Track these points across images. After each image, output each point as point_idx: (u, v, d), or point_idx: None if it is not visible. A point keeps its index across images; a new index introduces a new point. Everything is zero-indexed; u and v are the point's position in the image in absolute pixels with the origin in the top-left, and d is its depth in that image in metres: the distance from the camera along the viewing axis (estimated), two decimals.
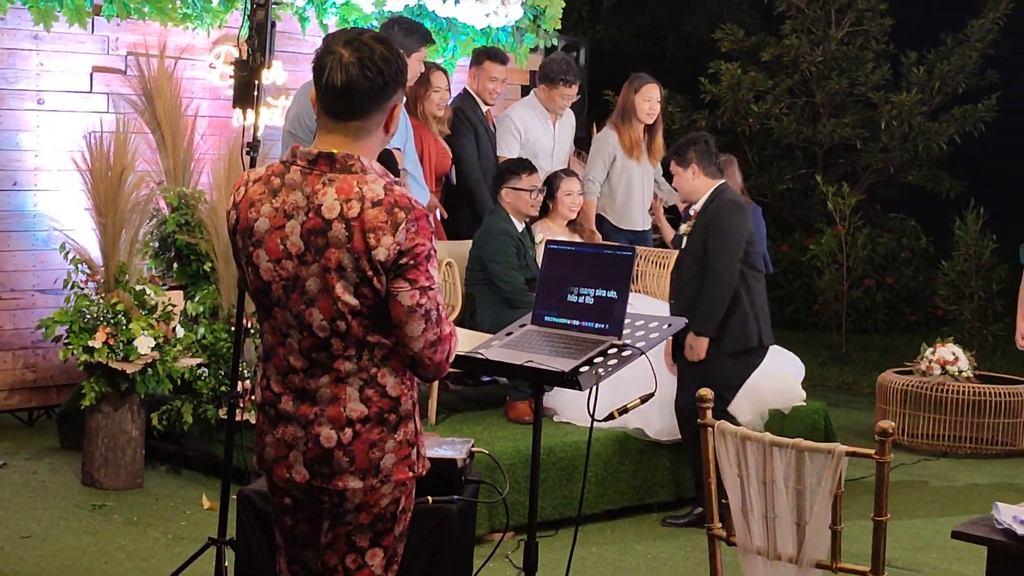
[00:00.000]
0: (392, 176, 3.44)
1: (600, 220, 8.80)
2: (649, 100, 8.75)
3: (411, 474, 3.48)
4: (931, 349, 9.27)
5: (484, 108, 8.81)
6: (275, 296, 3.44)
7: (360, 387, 3.40)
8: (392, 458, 3.44)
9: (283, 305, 3.43)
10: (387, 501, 3.47)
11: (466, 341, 7.20)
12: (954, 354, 9.19)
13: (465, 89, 8.84)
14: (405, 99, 7.87)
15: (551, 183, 8.10)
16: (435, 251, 3.38)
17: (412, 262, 3.31)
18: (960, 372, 9.13)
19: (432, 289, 3.36)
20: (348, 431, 3.40)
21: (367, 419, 3.40)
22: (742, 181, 9.18)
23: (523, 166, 7.93)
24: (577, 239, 8.08)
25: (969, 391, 9.04)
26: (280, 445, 3.50)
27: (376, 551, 3.50)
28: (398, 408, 3.44)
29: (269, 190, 3.43)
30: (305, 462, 3.45)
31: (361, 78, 3.33)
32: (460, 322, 7.73)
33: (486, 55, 8.85)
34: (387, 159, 3.62)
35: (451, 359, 3.47)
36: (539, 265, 6.38)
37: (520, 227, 7.79)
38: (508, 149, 8.76)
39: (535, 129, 8.82)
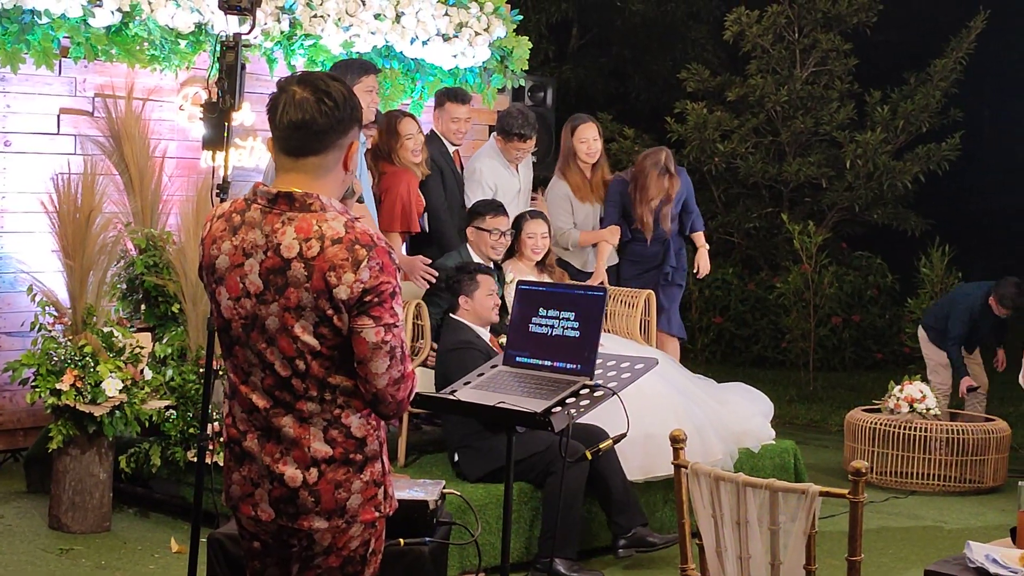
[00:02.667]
0: (352, 214, 3.43)
1: (563, 264, 8.81)
2: (585, 141, 8.85)
3: (378, 514, 3.46)
4: (899, 387, 9.30)
5: (451, 149, 8.81)
6: (235, 334, 3.44)
7: (324, 428, 3.38)
8: (358, 499, 3.42)
9: (243, 344, 3.43)
10: (356, 543, 3.45)
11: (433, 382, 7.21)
12: (921, 392, 9.21)
13: (431, 131, 8.83)
14: (367, 143, 7.92)
15: (516, 224, 8.13)
16: (399, 289, 3.37)
17: (376, 299, 3.31)
18: (928, 410, 9.15)
19: (397, 327, 3.35)
20: (313, 471, 3.38)
21: (332, 460, 3.39)
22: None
23: (491, 207, 7.95)
24: (547, 279, 8.08)
25: (937, 428, 9.07)
26: (246, 483, 3.48)
27: None
28: (364, 448, 3.42)
29: (230, 227, 3.44)
30: (270, 501, 3.43)
31: (317, 113, 3.34)
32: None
33: (447, 96, 8.85)
34: None
35: (411, 398, 3.46)
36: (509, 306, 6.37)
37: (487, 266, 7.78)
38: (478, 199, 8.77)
39: (502, 175, 8.81)
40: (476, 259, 7.78)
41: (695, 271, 9.25)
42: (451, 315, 7.28)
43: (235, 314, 3.42)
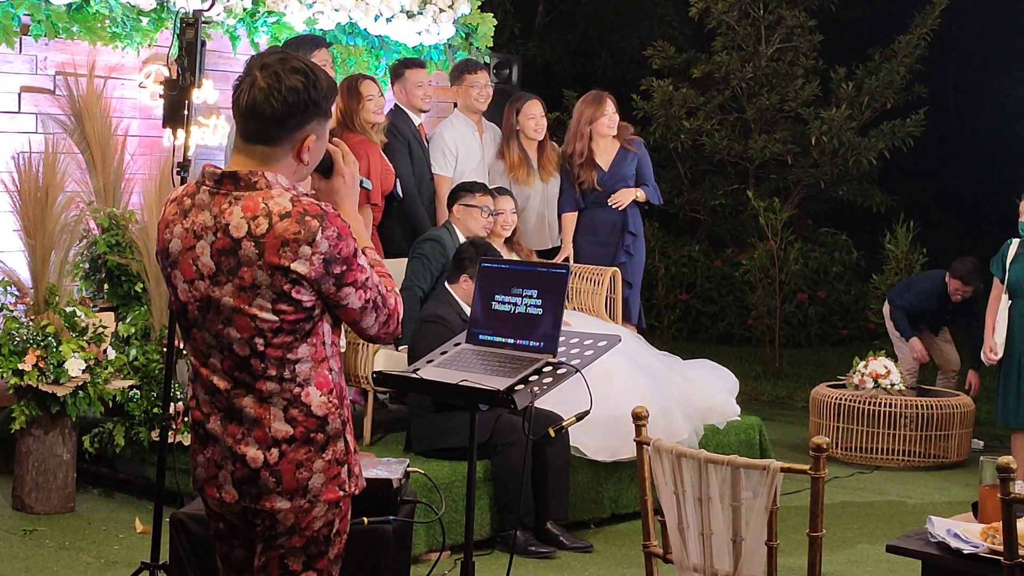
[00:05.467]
0: (299, 189, 3.43)
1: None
2: (533, 117, 8.86)
3: (341, 494, 3.46)
4: (863, 363, 9.33)
5: (417, 121, 8.81)
6: (192, 317, 3.44)
7: (284, 407, 3.38)
8: (321, 478, 3.41)
9: (200, 326, 3.43)
10: (320, 523, 3.45)
11: (401, 361, 7.20)
12: (886, 367, 9.25)
13: (396, 105, 8.82)
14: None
15: None
16: (356, 240, 3.38)
17: (346, 267, 3.33)
18: (892, 385, 9.19)
19: (369, 278, 3.40)
20: (274, 451, 3.38)
21: (293, 439, 3.38)
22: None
23: (477, 186, 8.04)
24: (515, 258, 8.08)
25: (901, 404, 9.11)
26: (210, 465, 3.49)
27: (310, 574, 3.47)
28: (325, 427, 3.42)
29: (181, 210, 3.44)
30: (233, 482, 3.43)
31: (265, 104, 3.33)
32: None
33: (403, 65, 8.90)
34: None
35: (402, 318, 3.55)
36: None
37: None
38: (442, 167, 8.78)
39: (466, 142, 8.87)
40: (461, 237, 7.79)
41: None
42: (446, 284, 7.29)
43: (191, 297, 3.42)
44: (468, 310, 7.11)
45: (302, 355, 3.38)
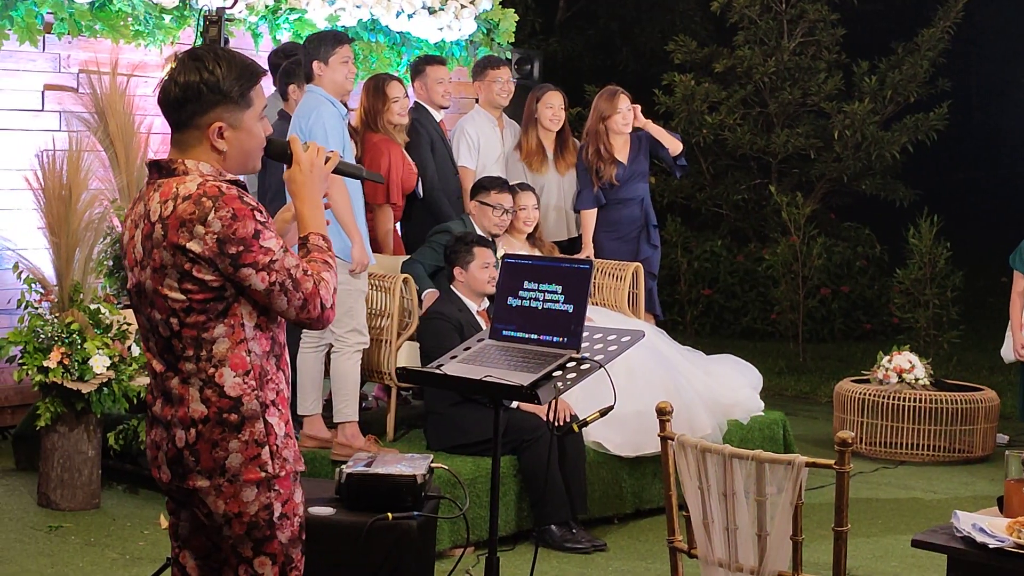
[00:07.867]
0: (227, 176, 3.50)
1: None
2: (552, 107, 8.83)
3: (264, 475, 3.49)
4: (887, 357, 9.29)
5: (438, 118, 8.82)
6: (134, 302, 3.58)
7: (200, 387, 3.46)
8: (238, 458, 3.46)
9: (139, 310, 3.56)
10: (256, 508, 3.49)
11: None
12: (910, 362, 9.21)
13: (416, 102, 8.82)
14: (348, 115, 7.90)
15: None
16: (263, 223, 3.41)
17: (242, 247, 3.38)
18: (916, 380, 9.16)
19: (276, 260, 3.42)
20: (192, 431, 3.47)
21: (207, 419, 3.46)
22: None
23: (496, 183, 8.00)
24: (537, 253, 8.07)
25: (925, 399, 9.07)
26: (153, 446, 3.60)
27: (263, 560, 3.52)
28: (240, 408, 3.46)
29: (132, 203, 3.62)
30: (167, 462, 3.53)
31: (168, 90, 3.50)
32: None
33: (424, 62, 8.91)
34: (276, 147, 3.66)
35: (329, 302, 3.53)
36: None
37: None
38: (467, 159, 8.79)
39: (486, 136, 8.87)
40: (477, 229, 7.79)
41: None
42: (450, 285, 7.33)
43: (133, 283, 3.56)
44: (469, 303, 7.19)
45: (218, 335, 3.45)
